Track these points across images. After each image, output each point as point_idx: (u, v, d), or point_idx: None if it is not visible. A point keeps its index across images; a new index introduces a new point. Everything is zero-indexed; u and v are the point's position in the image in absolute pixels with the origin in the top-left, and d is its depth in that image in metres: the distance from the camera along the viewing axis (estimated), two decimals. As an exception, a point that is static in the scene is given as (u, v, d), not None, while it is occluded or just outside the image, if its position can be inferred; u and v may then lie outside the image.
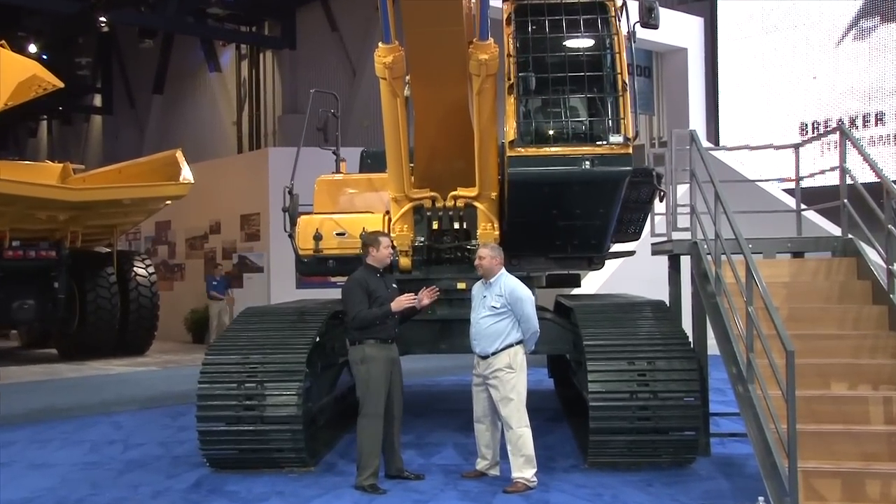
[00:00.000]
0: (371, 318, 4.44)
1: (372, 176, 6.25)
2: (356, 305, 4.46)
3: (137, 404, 7.38)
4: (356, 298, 4.47)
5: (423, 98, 4.91)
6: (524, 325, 4.45)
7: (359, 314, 4.45)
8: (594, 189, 4.95)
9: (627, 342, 4.81)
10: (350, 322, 4.53)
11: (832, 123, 12.60)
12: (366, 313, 4.45)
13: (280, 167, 11.33)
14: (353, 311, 4.48)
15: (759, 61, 13.69)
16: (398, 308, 4.48)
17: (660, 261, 5.92)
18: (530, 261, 5.76)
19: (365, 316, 4.45)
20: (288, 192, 5.57)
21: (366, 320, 4.45)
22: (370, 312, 4.45)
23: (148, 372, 9.78)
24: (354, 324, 4.50)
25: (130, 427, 6.39)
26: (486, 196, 5.31)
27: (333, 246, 5.61)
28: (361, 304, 4.46)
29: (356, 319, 4.47)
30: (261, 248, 12.73)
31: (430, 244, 5.58)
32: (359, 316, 4.46)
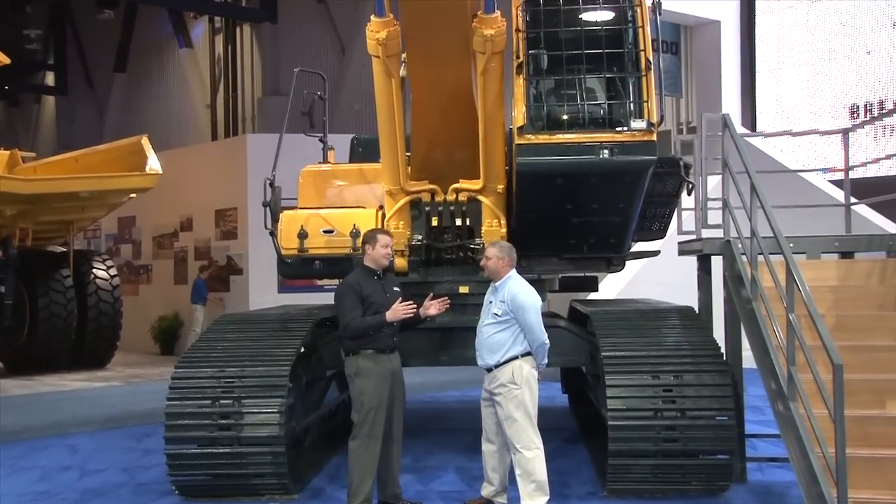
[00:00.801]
0: (363, 328, 4.45)
1: (364, 166, 6.27)
2: (348, 313, 4.47)
3: (96, 425, 7.37)
4: (348, 305, 4.48)
5: (421, 79, 4.92)
6: (529, 336, 4.46)
7: (350, 323, 4.45)
8: (614, 181, 4.97)
9: (651, 353, 4.83)
10: (342, 332, 4.55)
11: (888, 105, 12.55)
12: (357, 322, 4.45)
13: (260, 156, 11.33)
14: (344, 319, 4.48)
15: (804, 35, 13.68)
16: (394, 318, 4.47)
17: (688, 262, 5.94)
18: (541, 262, 5.78)
19: (357, 325, 4.45)
20: (269, 185, 5.59)
21: (357, 330, 4.46)
22: (362, 321, 4.45)
23: (109, 388, 9.80)
24: (346, 333, 4.51)
25: (88, 451, 6.35)
26: (491, 189, 5.33)
27: (320, 245, 5.63)
28: (354, 312, 4.47)
29: (347, 329, 4.48)
30: (238, 247, 12.77)
31: (429, 243, 5.60)
32: (350, 325, 4.46)
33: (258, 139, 13.06)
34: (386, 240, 4.67)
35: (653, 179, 5.41)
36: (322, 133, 6.72)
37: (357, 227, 5.52)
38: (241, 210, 12.64)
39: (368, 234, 4.72)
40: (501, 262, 4.58)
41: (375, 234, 4.70)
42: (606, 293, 8.69)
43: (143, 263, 14.71)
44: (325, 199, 6.10)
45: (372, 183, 6.05)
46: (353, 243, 5.50)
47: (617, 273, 6.43)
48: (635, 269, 9.01)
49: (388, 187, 5.45)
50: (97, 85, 25.98)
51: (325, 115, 6.78)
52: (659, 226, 6.35)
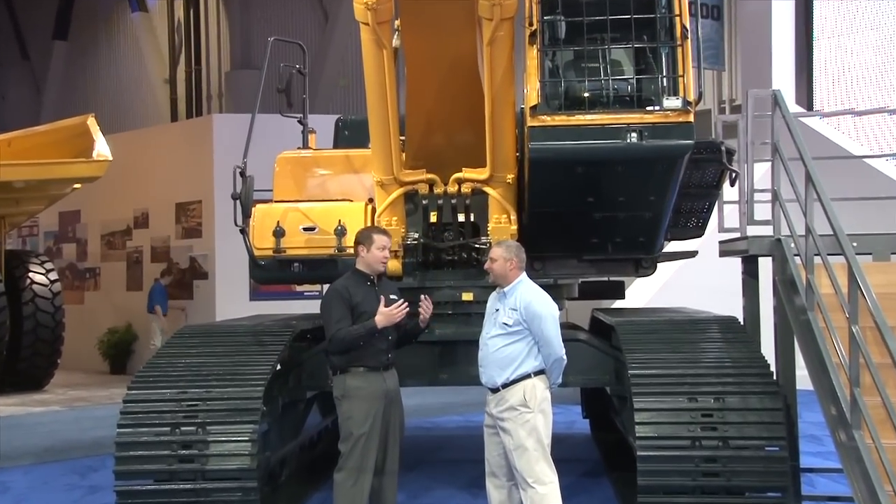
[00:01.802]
0: (349, 340, 4.47)
1: (350, 152, 6.30)
2: (334, 324, 4.50)
3: (32, 458, 7.37)
4: (335, 314, 4.52)
5: (417, 50, 4.94)
6: (544, 350, 4.49)
7: (336, 335, 4.48)
8: (643, 170, 4.99)
9: (687, 372, 4.84)
10: (328, 344, 4.58)
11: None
12: (343, 333, 4.48)
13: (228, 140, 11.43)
14: (330, 331, 4.51)
15: (869, -3, 13.69)
16: (385, 322, 4.49)
17: (731, 264, 5.97)
18: (558, 264, 5.79)
19: (343, 336, 4.47)
20: (239, 174, 5.60)
21: (343, 342, 4.48)
22: (349, 331, 4.48)
23: (48, 413, 9.83)
24: (332, 347, 4.54)
25: (21, 489, 6.31)
26: (499, 179, 5.35)
27: (299, 244, 5.65)
28: (341, 322, 4.50)
29: (333, 342, 4.50)
30: (203, 246, 12.82)
31: (427, 242, 5.63)
32: (336, 337, 4.48)
33: (226, 120, 13.11)
34: (384, 240, 4.70)
35: (689, 168, 5.42)
36: (301, 113, 6.75)
37: (343, 224, 5.55)
38: (206, 203, 12.69)
39: (363, 234, 4.75)
40: (509, 265, 4.60)
41: (371, 233, 4.73)
42: (634, 301, 8.71)
43: (90, 266, 14.76)
44: (305, 190, 6.13)
45: (360, 172, 6.08)
46: (338, 242, 5.54)
47: (647, 278, 6.45)
48: (668, 273, 9.04)
49: (379, 177, 5.47)
50: (33, 55, 26.00)
51: (305, 93, 6.80)
52: (696, 222, 6.37)
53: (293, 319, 6.11)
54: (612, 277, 6.55)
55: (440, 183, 5.46)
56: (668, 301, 8.07)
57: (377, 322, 4.51)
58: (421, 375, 5.63)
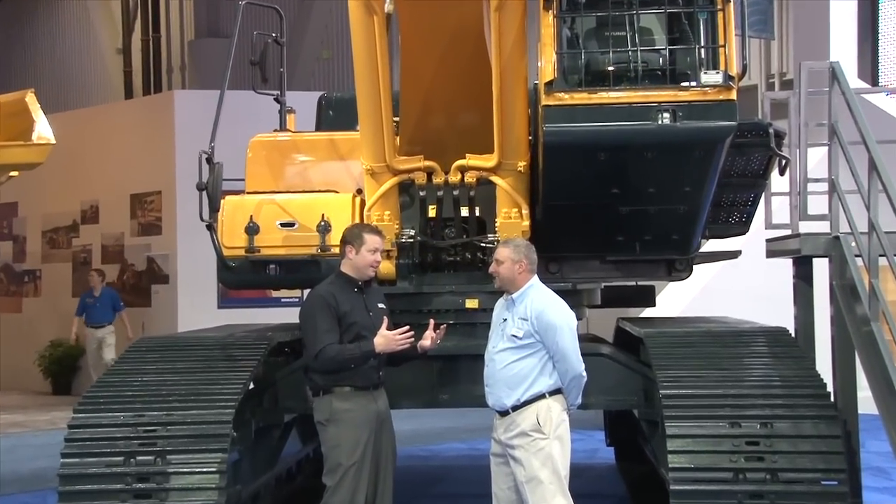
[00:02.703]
0: (340, 360, 4.52)
1: (336, 135, 6.31)
2: (320, 337, 4.52)
3: (-40, 494, 7.41)
4: (321, 325, 4.54)
5: (414, 16, 4.95)
6: (560, 366, 4.51)
7: (324, 352, 4.50)
8: (677, 156, 5.00)
9: (729, 392, 4.84)
10: (312, 362, 4.60)
11: None
12: (334, 351, 4.51)
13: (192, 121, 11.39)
14: (315, 344, 4.54)
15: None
16: (386, 349, 4.57)
17: (780, 267, 6.00)
18: (577, 266, 5.80)
19: (333, 356, 4.51)
20: (206, 160, 5.60)
21: (334, 361, 4.52)
22: (342, 351, 4.52)
23: (-21, 441, 9.85)
24: (317, 364, 4.57)
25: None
26: (509, 167, 5.36)
27: (276, 243, 5.68)
28: (328, 335, 4.52)
29: (320, 359, 4.53)
30: (163, 245, 12.81)
31: (425, 240, 5.65)
32: (324, 354, 4.51)
33: (189, 97, 13.11)
34: (376, 241, 4.74)
35: (731, 153, 5.44)
36: (278, 90, 6.76)
37: (326, 219, 5.56)
38: (166, 195, 12.69)
39: (353, 232, 4.78)
40: (518, 267, 4.62)
41: (363, 231, 4.76)
42: (667, 309, 8.69)
43: (29, 268, 14.77)
44: (282, 180, 6.14)
45: (347, 159, 6.09)
46: (321, 241, 5.55)
47: (681, 282, 6.48)
48: (707, 276, 9.02)
49: (370, 164, 5.47)
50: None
51: (283, 66, 6.82)
52: (740, 217, 6.38)
53: (269, 330, 6.12)
54: (640, 282, 6.56)
55: (440, 171, 5.47)
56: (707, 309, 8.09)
57: (376, 345, 4.54)
58: (417, 396, 5.64)
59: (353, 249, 4.69)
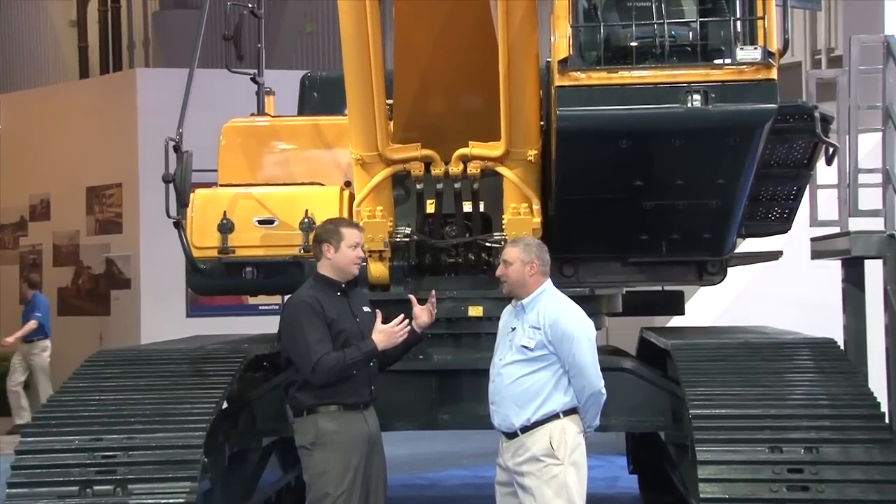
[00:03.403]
0: (345, 367, 4.52)
1: (321, 120, 6.31)
2: (314, 348, 4.51)
3: None
4: (312, 334, 4.53)
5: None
6: (576, 381, 4.51)
7: (323, 362, 4.49)
8: (710, 143, 5.00)
9: (768, 412, 4.85)
10: (310, 375, 4.57)
11: None
12: (333, 360, 4.50)
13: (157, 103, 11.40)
14: (309, 357, 4.53)
15: None
16: (387, 343, 4.61)
17: (827, 269, 6.03)
18: (596, 269, 5.81)
19: (334, 365, 4.49)
20: (173, 149, 5.60)
21: (336, 371, 4.50)
22: (343, 357, 4.52)
23: None
24: (318, 378, 4.54)
25: None
26: (518, 157, 5.36)
27: (253, 242, 5.68)
28: (322, 345, 4.52)
29: (320, 371, 4.50)
30: (124, 245, 12.84)
31: (423, 239, 5.66)
32: (323, 366, 4.48)
33: (154, 77, 13.15)
34: (355, 236, 4.74)
35: (771, 141, 5.44)
36: (255, 69, 6.80)
37: (311, 215, 5.57)
38: (127, 188, 12.72)
39: (326, 229, 4.78)
40: (529, 269, 4.61)
41: (339, 227, 4.76)
42: (697, 318, 8.70)
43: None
44: (260, 171, 6.14)
45: (334, 147, 6.09)
46: (304, 240, 5.56)
47: (714, 286, 6.47)
48: (743, 280, 9.00)
49: (359, 153, 5.47)
50: None
51: (260, 41, 6.87)
52: (781, 213, 6.37)
53: (244, 342, 6.13)
54: (667, 286, 6.56)
55: (439, 161, 5.46)
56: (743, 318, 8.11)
57: (377, 342, 4.57)
58: (412, 416, 5.65)
59: (330, 248, 4.68)
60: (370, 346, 4.58)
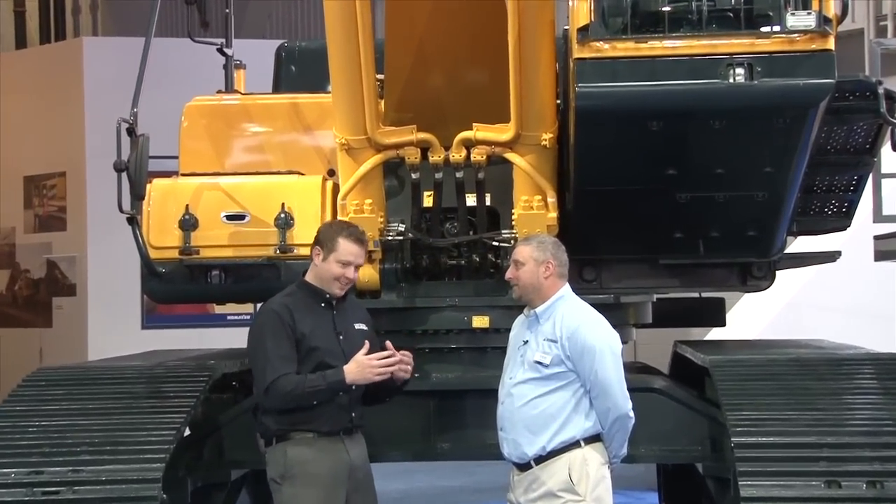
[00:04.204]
0: (298, 395, 4.52)
1: (300, 98, 6.34)
2: (273, 365, 4.52)
3: None
4: (273, 350, 4.55)
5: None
6: (599, 402, 4.53)
7: (277, 385, 4.51)
8: (755, 125, 5.03)
9: (824, 441, 4.83)
10: (263, 397, 4.59)
11: None
12: (291, 384, 4.51)
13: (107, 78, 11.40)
14: (265, 376, 4.54)
15: None
16: (359, 378, 4.57)
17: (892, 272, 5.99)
18: (621, 272, 5.85)
19: (289, 390, 4.50)
20: (126, 132, 5.58)
21: (290, 397, 4.51)
22: (300, 384, 4.52)
23: None
24: (269, 402, 4.57)
25: None
26: (530, 141, 5.36)
27: (221, 241, 5.72)
28: (283, 363, 4.53)
29: (272, 395, 4.53)
30: (68, 244, 12.83)
31: (419, 237, 5.69)
32: (277, 389, 4.50)
33: (104, 48, 13.09)
34: (351, 252, 4.71)
35: (827, 122, 5.44)
36: (223, 38, 6.82)
37: (288, 210, 5.59)
38: (72, 177, 12.70)
39: (327, 232, 4.80)
40: (543, 271, 4.63)
41: (338, 235, 4.73)
42: (741, 330, 8.67)
43: None
44: (229, 157, 6.16)
45: (315, 129, 6.12)
46: (280, 238, 5.58)
47: (761, 293, 6.46)
48: (795, 285, 9.04)
49: (345, 137, 5.46)
50: None
51: (228, 6, 6.86)
52: (839, 207, 6.37)
53: (210, 358, 6.13)
54: (705, 293, 6.57)
55: (438, 147, 5.47)
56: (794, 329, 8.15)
57: (347, 374, 4.54)
58: (407, 444, 5.65)
59: (320, 253, 4.72)
60: (337, 377, 4.53)
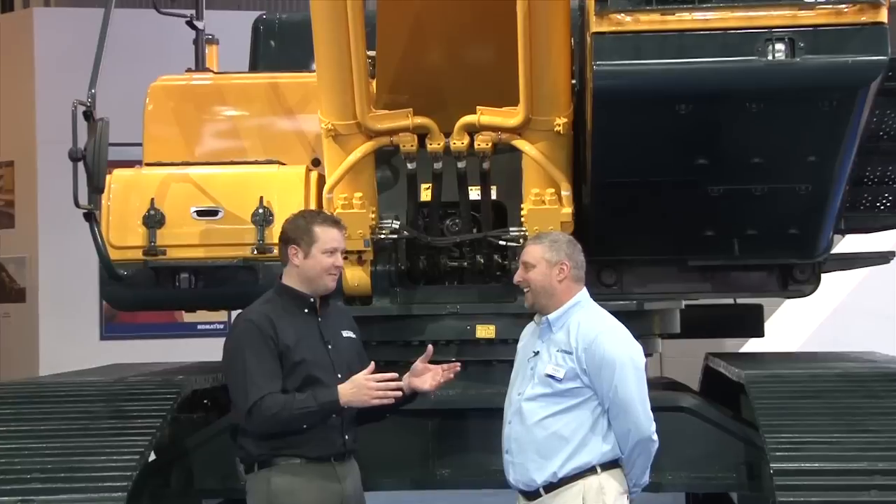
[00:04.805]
0: (288, 418, 4.51)
1: (280, 78, 6.36)
2: (255, 383, 4.50)
3: None
4: (253, 367, 4.53)
5: None
6: (619, 424, 4.52)
7: (261, 406, 4.49)
8: (797, 109, 5.04)
9: (876, 466, 4.83)
10: (245, 420, 4.55)
11: None
12: (277, 404, 4.50)
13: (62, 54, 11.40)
14: (247, 396, 4.51)
15: None
16: (355, 401, 4.56)
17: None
18: (645, 275, 5.90)
19: (275, 412, 4.48)
20: (83, 116, 5.58)
21: (275, 420, 4.50)
22: (289, 403, 4.51)
23: None
24: (253, 425, 4.54)
25: None
26: (541, 126, 5.38)
27: (190, 240, 5.76)
28: (267, 381, 4.51)
29: (256, 417, 4.50)
30: (16, 244, 12.90)
31: (416, 236, 5.71)
32: (261, 411, 4.48)
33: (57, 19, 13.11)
34: (333, 237, 4.73)
35: (879, 104, 5.45)
36: (193, 9, 6.81)
37: (267, 204, 5.63)
38: (22, 168, 12.76)
39: (295, 225, 4.77)
40: (557, 273, 4.62)
41: (311, 224, 4.74)
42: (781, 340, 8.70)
43: None
44: (199, 145, 6.19)
45: (298, 113, 6.15)
46: (258, 236, 5.60)
47: (804, 298, 6.46)
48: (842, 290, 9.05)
49: (331, 122, 5.47)
50: None
51: (199, -29, 6.87)
52: (892, 201, 6.39)
53: (178, 372, 6.11)
54: (741, 299, 6.59)
55: (437, 133, 5.49)
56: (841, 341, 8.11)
57: (342, 394, 4.53)
58: (403, 471, 5.68)
59: (298, 251, 4.69)
60: (330, 398, 4.52)
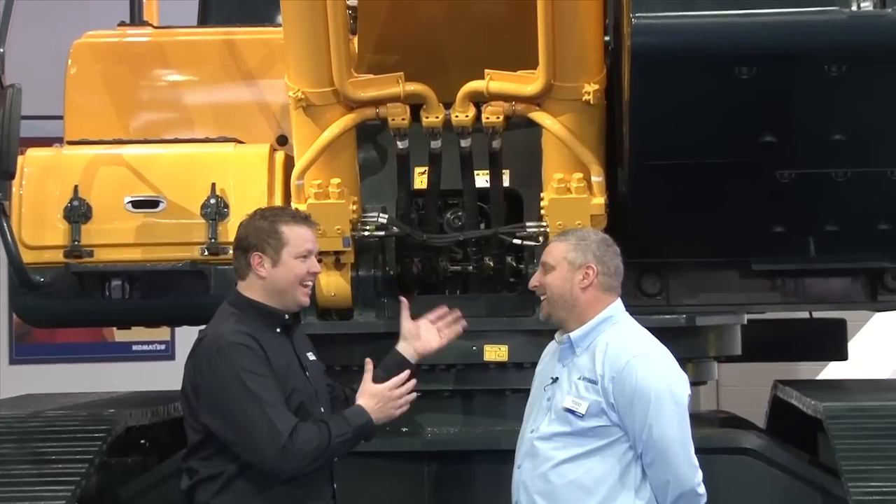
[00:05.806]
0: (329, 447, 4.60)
1: (237, 34, 6.43)
2: (279, 415, 4.54)
3: None
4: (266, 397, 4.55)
5: None
6: (655, 472, 4.56)
7: (296, 441, 4.52)
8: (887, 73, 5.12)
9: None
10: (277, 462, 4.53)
11: None
12: (315, 438, 4.57)
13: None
14: (276, 431, 4.51)
15: None
16: (384, 415, 4.79)
17: None
18: (695, 283, 5.93)
19: (317, 445, 4.56)
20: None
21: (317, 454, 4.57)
22: (326, 433, 4.59)
23: None
24: (290, 464, 4.54)
25: None
26: (566, 95, 5.47)
27: (123, 237, 5.81)
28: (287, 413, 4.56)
29: (294, 453, 4.52)
30: None
31: (409, 233, 5.72)
32: (299, 445, 4.51)
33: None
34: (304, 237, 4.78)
35: None
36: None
37: (221, 193, 5.68)
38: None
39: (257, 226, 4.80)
40: (581, 279, 4.68)
41: (276, 223, 4.77)
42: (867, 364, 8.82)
43: None
44: (134, 118, 6.26)
45: (258, 78, 6.25)
46: (209, 233, 5.66)
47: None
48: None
49: (302, 90, 5.52)
50: None
51: None
52: None
53: (108, 406, 6.14)
54: (818, 312, 6.68)
55: (435, 103, 5.55)
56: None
57: (370, 411, 4.72)
58: None
59: (263, 259, 4.71)
60: (362, 419, 4.70)
